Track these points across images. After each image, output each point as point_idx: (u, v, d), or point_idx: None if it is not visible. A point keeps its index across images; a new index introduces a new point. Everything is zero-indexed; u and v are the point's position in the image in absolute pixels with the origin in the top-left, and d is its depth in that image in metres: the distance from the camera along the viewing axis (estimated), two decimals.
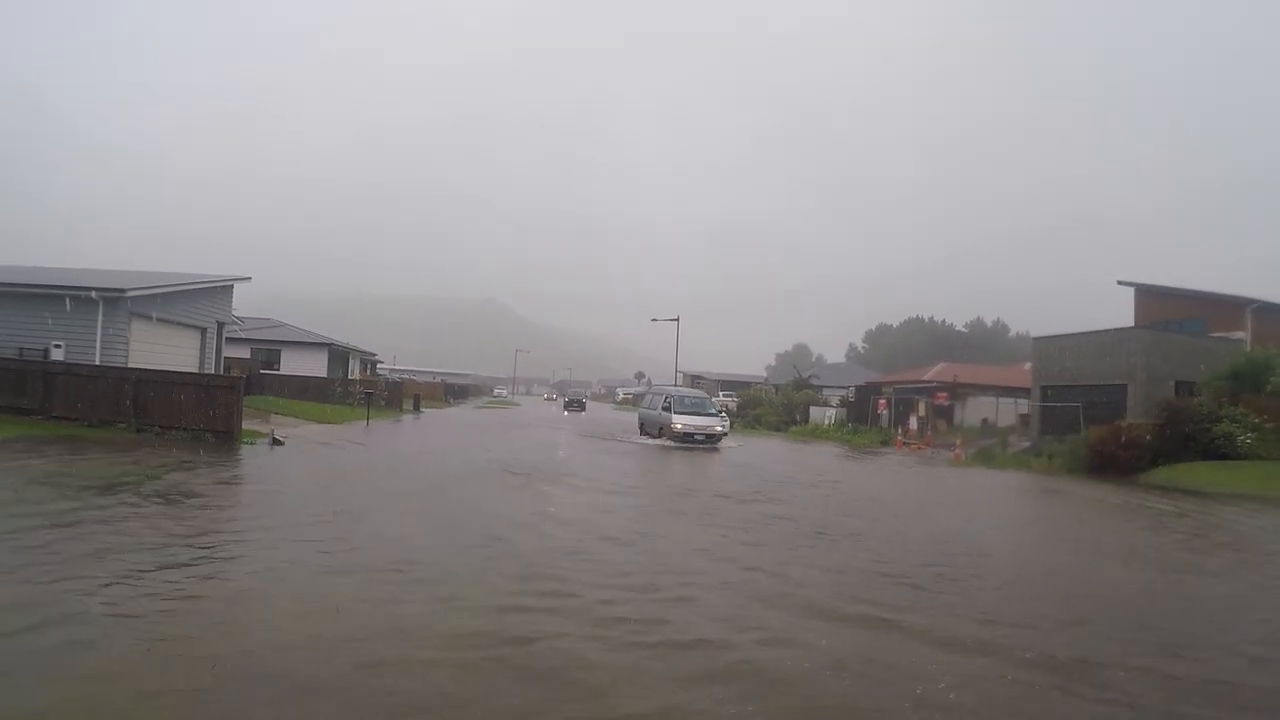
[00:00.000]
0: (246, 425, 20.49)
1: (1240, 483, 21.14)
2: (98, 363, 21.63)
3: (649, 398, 35.00)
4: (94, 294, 22.24)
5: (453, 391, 76.06)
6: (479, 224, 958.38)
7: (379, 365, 68.78)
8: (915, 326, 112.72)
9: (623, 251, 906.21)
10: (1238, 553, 12.17)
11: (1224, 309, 34.71)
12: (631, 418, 57.15)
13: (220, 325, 29.31)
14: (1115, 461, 24.60)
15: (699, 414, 30.03)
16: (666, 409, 30.10)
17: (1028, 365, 43.79)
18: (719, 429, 29.74)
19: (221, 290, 29.15)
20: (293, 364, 44.74)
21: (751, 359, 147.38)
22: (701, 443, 28.54)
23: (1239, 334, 32.77)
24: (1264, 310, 33.49)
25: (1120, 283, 41.47)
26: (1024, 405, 39.43)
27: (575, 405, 64.02)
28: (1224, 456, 24.03)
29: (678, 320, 57.21)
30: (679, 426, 28.73)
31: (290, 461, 16.79)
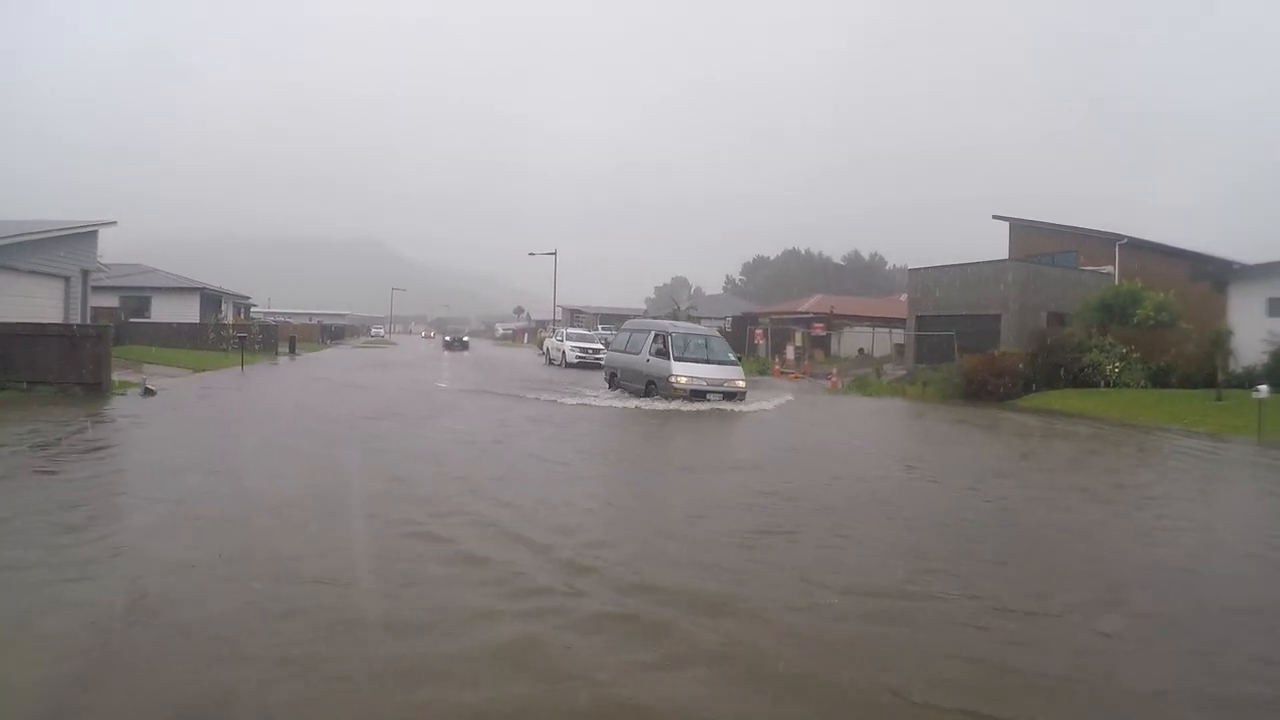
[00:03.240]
0: (117, 376, 20.33)
1: (1105, 408, 22.37)
2: None
3: (626, 336, 24.30)
4: None
5: (329, 333, 75.65)
6: (355, 163, 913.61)
7: (253, 309, 68.44)
8: (792, 258, 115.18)
9: (503, 187, 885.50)
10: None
11: (1095, 244, 36.58)
12: (519, 356, 57.49)
13: (85, 273, 28.47)
14: (988, 389, 25.64)
15: (711, 360, 21.30)
16: (660, 353, 21.08)
17: (903, 297, 45.25)
18: (740, 383, 21.11)
19: (84, 236, 28.21)
20: (164, 311, 44.61)
21: (631, 292, 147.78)
22: (716, 403, 20.22)
23: (1108, 268, 34.64)
24: (1132, 246, 35.49)
25: (996, 217, 43.18)
26: (900, 335, 40.63)
27: (457, 344, 60.29)
28: (1093, 384, 25.45)
29: (555, 254, 57.44)
30: (683, 380, 20.13)
31: (161, 411, 16.24)
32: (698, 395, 20.10)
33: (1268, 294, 25.93)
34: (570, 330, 46.87)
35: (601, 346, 40.11)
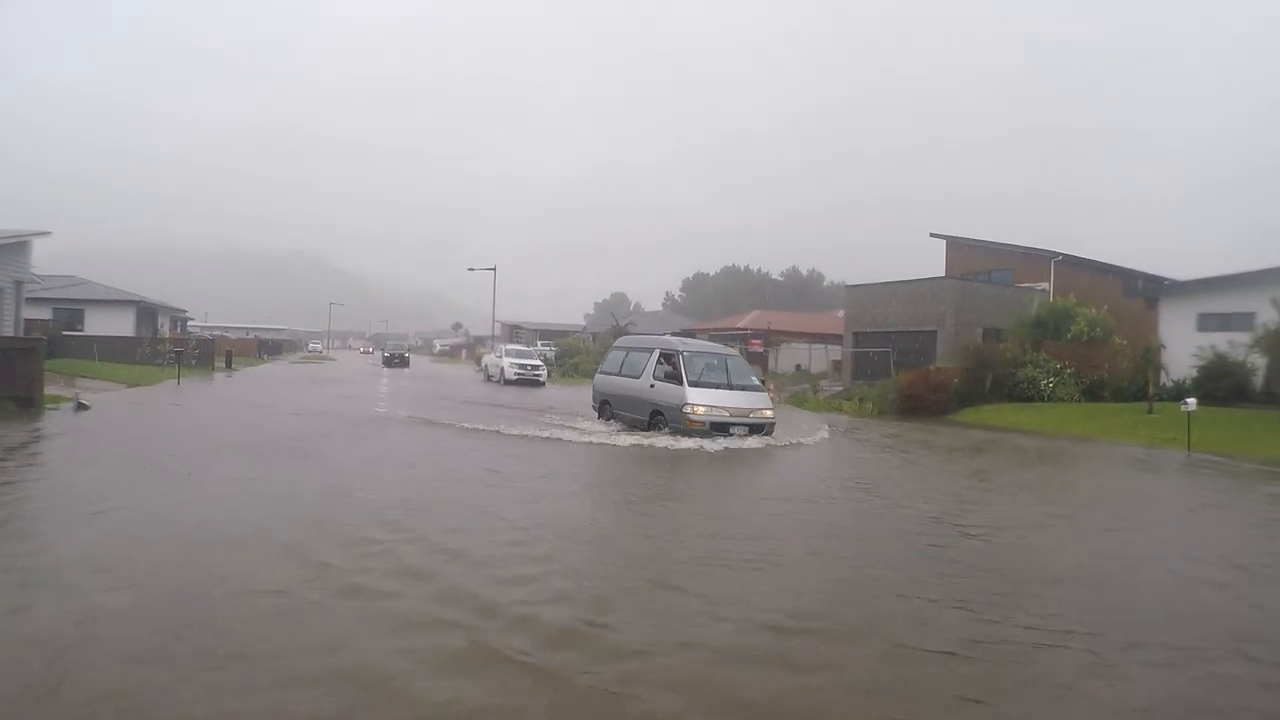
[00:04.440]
0: (50, 390, 19.82)
1: (1039, 422, 22.52)
2: None
3: (621, 356, 19.63)
4: None
5: (266, 347, 73.81)
6: (292, 172, 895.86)
7: (190, 322, 67.48)
8: (732, 275, 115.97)
9: (443, 201, 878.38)
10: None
11: (1030, 261, 37.24)
12: (458, 373, 56.02)
13: (19, 285, 27.61)
14: (924, 404, 25.69)
15: (733, 385, 16.99)
16: (670, 377, 16.88)
17: (841, 313, 45.54)
18: (768, 412, 17.03)
19: (17, 247, 27.23)
20: (98, 324, 43.31)
21: (570, 308, 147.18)
22: (742, 438, 16.01)
23: (1043, 285, 35.26)
24: (1066, 263, 36.24)
25: (933, 235, 43.83)
26: (837, 352, 40.78)
27: (397, 360, 58.70)
28: (1028, 399, 25.70)
29: (494, 270, 57.02)
30: (700, 410, 15.93)
31: (95, 427, 15.44)
32: (719, 429, 15.81)
33: (1197, 309, 26.60)
34: (509, 346, 45.98)
35: (540, 363, 40.41)
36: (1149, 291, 30.44)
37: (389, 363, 58.67)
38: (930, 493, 11.33)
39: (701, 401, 16.03)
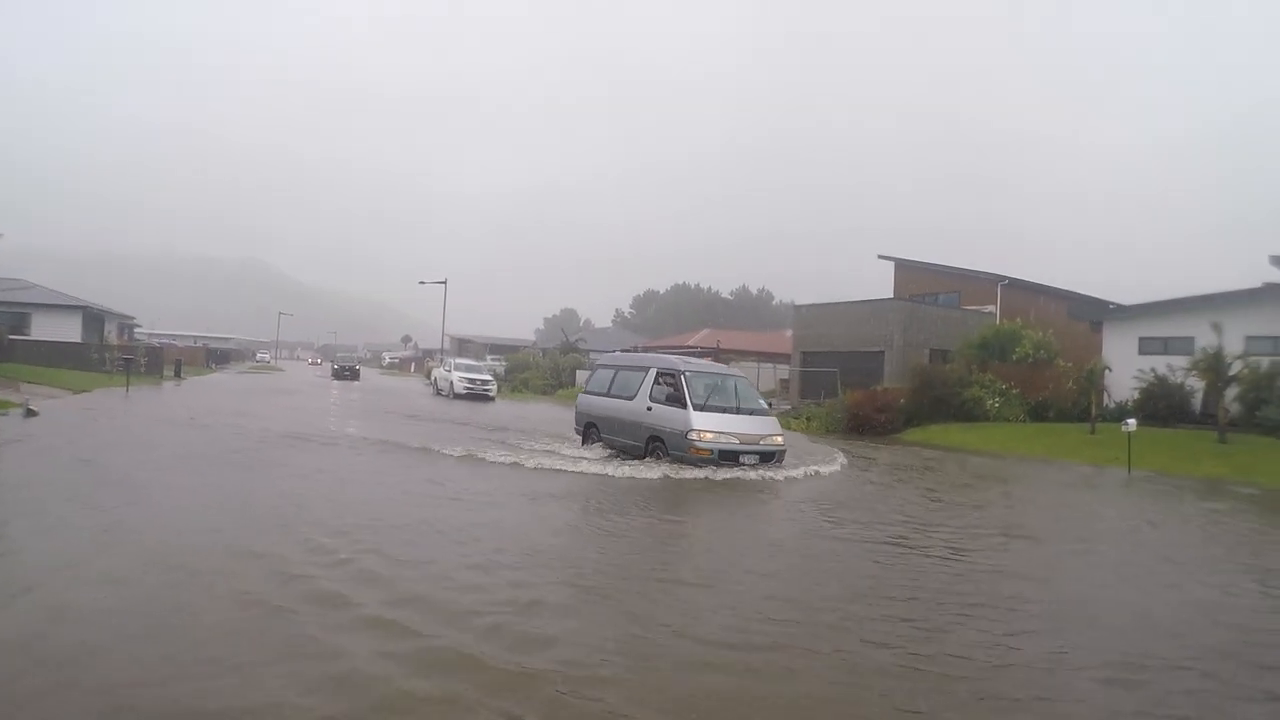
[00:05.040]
0: None
1: (984, 442, 22.66)
2: None
3: (610, 375, 17.88)
4: None
5: (214, 356, 73.56)
6: (244, 181, 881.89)
7: (137, 329, 66.50)
8: (682, 293, 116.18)
9: (397, 214, 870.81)
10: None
11: (978, 284, 37.71)
12: (408, 386, 55.52)
13: None
14: (871, 423, 25.76)
15: (741, 409, 15.34)
16: (672, 400, 15.07)
17: (789, 332, 45.73)
18: (779, 439, 15.38)
19: None
20: (45, 329, 42.85)
21: (520, 323, 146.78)
22: (752, 468, 14.41)
23: (990, 308, 35.71)
24: (1013, 286, 36.75)
25: (881, 257, 44.27)
26: (785, 370, 40.88)
27: (347, 372, 57.59)
28: (974, 419, 25.88)
29: (445, 283, 57.02)
30: (708, 436, 14.25)
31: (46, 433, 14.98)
32: (727, 457, 14.16)
33: (1139, 333, 27.17)
34: (458, 361, 45.95)
35: (490, 378, 40.42)
36: (1094, 315, 31.00)
37: (339, 375, 57.64)
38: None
39: (708, 427, 14.29)
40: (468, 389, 37.90)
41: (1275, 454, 18.41)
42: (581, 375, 49.98)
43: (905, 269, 42.34)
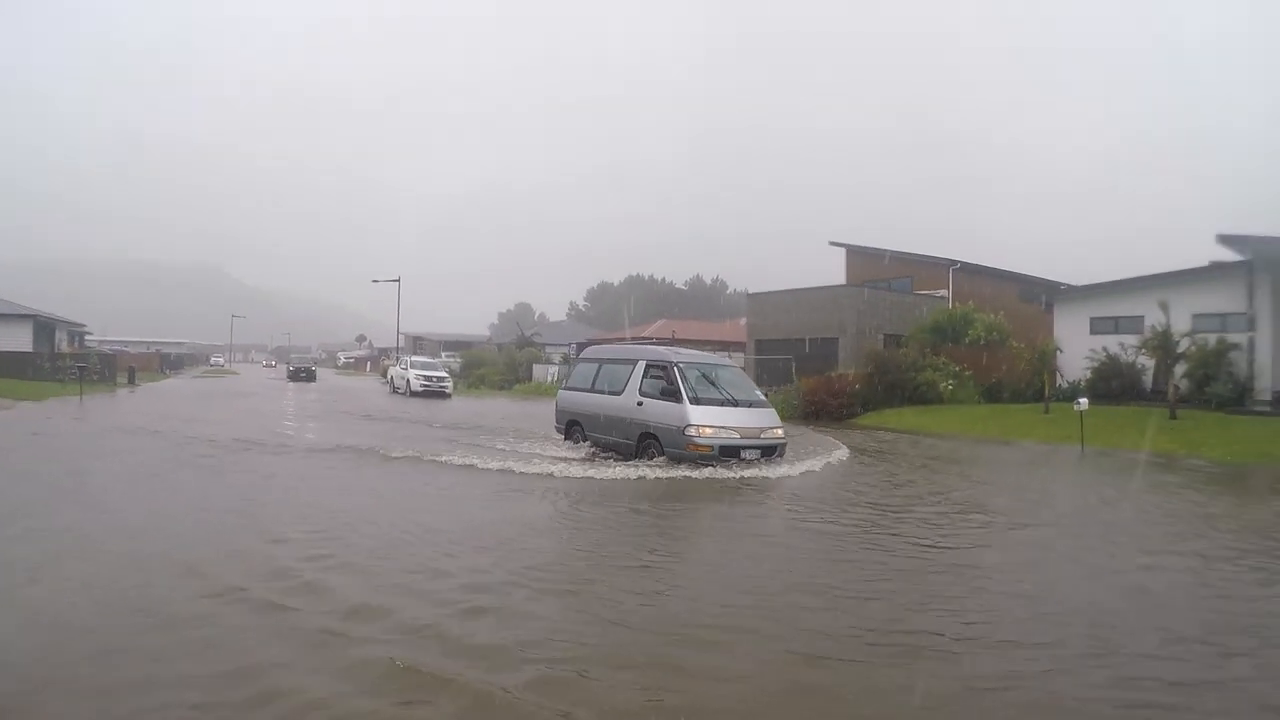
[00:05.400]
0: None
1: (939, 424, 22.68)
2: None
3: (593, 369, 16.77)
4: None
5: (168, 362, 73.50)
6: (196, 183, 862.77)
7: (88, 337, 65.59)
8: (636, 285, 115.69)
9: (349, 214, 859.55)
10: None
11: (930, 269, 37.95)
12: (364, 385, 55.27)
13: None
14: (826, 409, 25.75)
15: (738, 402, 14.37)
16: (667, 394, 14.05)
17: (743, 321, 45.69)
18: (779, 431, 14.41)
19: None
20: None
21: (475, 319, 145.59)
22: (755, 463, 13.55)
23: (942, 292, 35.95)
24: (964, 271, 37.02)
25: (832, 243, 44.25)
26: (740, 359, 40.82)
27: (303, 374, 57.00)
28: (928, 402, 25.97)
29: (399, 281, 56.87)
30: (707, 431, 13.33)
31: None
32: (728, 453, 13.30)
33: (1090, 313, 27.39)
34: (414, 359, 46.18)
35: (446, 375, 40.96)
36: (1045, 296, 31.27)
37: (294, 377, 56.93)
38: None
39: (707, 422, 13.36)
40: (424, 386, 38.09)
41: (1222, 429, 18.65)
42: (539, 370, 50.09)
43: (857, 255, 42.40)
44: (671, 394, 13.84)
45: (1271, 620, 5.94)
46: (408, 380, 39.20)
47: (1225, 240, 22.86)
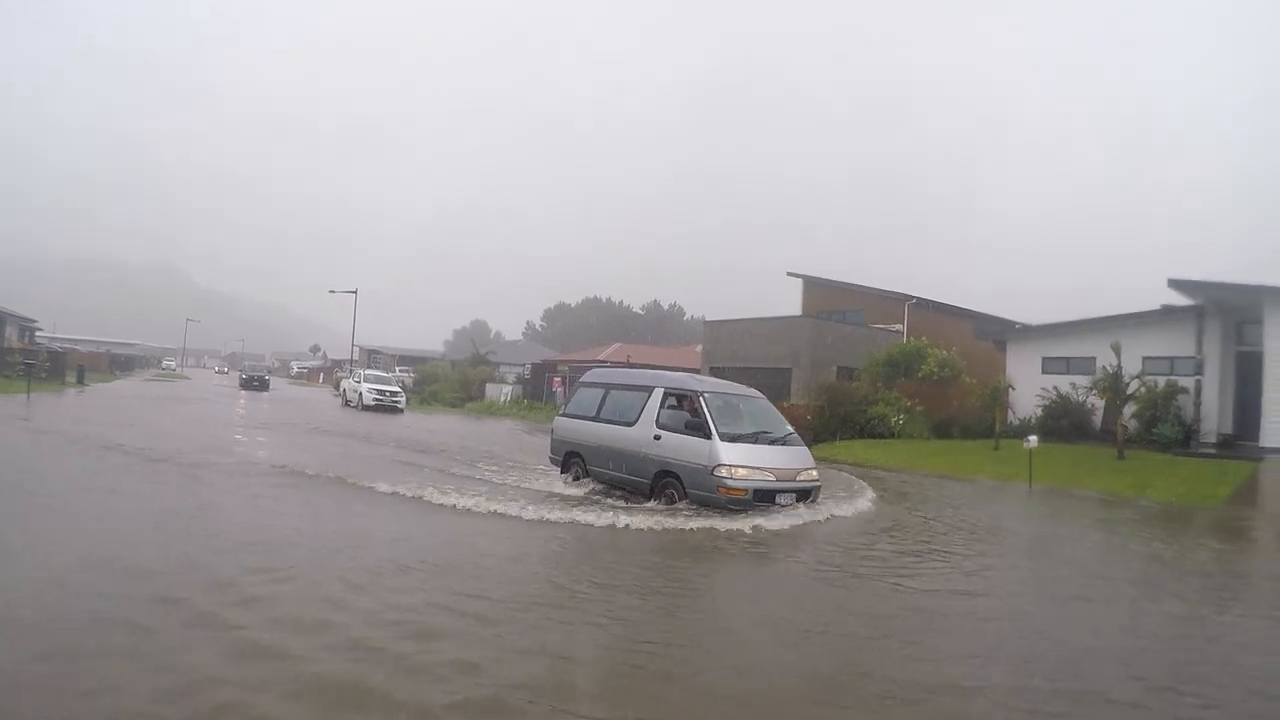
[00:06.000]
0: None
1: (889, 458, 22.49)
2: None
3: (599, 395, 14.89)
4: None
5: (118, 363, 73.24)
6: (155, 184, 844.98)
7: (39, 333, 65.14)
8: (593, 306, 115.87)
9: (309, 225, 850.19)
10: None
11: (885, 303, 38.14)
12: (318, 397, 54.89)
13: None
14: None
15: (774, 439, 12.79)
16: (692, 427, 12.39)
17: (699, 347, 45.67)
18: (814, 472, 12.73)
19: None
20: None
21: (431, 335, 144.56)
22: (790, 509, 11.89)
23: (897, 326, 36.13)
24: (920, 306, 37.31)
25: (790, 274, 44.39)
26: None
27: (256, 382, 56.00)
28: (879, 435, 25.92)
29: (356, 293, 57.62)
30: (740, 473, 11.63)
31: None
32: (763, 497, 11.67)
33: (1042, 353, 27.72)
34: (368, 372, 46.56)
35: (399, 389, 40.80)
36: (999, 334, 31.56)
37: (247, 384, 55.71)
38: None
39: (740, 461, 11.71)
40: (376, 400, 37.64)
41: (1169, 470, 18.79)
42: (491, 389, 49.75)
43: (814, 286, 42.50)
44: (697, 428, 12.20)
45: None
46: (360, 393, 38.72)
47: (1176, 285, 23.21)
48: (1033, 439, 17.05)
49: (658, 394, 13.25)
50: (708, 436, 11.92)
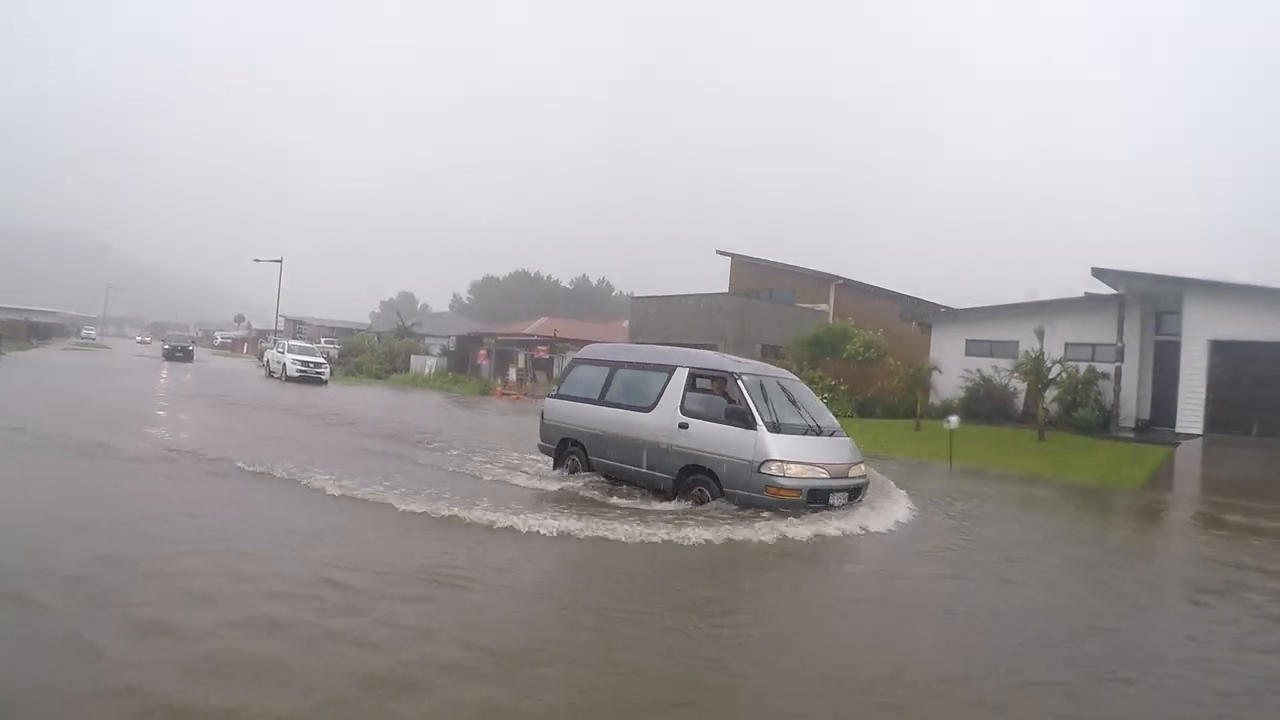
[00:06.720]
0: None
1: None
2: None
3: (604, 374, 12.43)
4: None
5: (36, 331, 71.68)
6: (74, 146, 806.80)
7: None
8: (522, 280, 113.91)
9: (235, 193, 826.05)
10: None
11: (813, 283, 38.08)
12: (241, 367, 53.82)
13: None
14: None
15: (820, 429, 10.79)
16: (733, 415, 10.17)
17: (626, 323, 45.23)
18: (862, 467, 10.87)
19: None
20: None
21: (357, 306, 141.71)
22: (842, 510, 10.00)
23: (823, 306, 36.11)
24: (847, 287, 37.34)
25: (719, 252, 44.07)
26: None
27: (180, 352, 53.83)
28: None
29: (281, 262, 56.34)
30: (792, 470, 9.71)
31: None
32: (817, 498, 9.86)
33: (967, 335, 27.77)
34: (292, 343, 45.46)
35: (324, 361, 40.16)
36: (924, 317, 31.64)
37: (170, 355, 53.49)
38: None
39: (792, 457, 9.84)
40: (300, 372, 37.02)
41: (1087, 452, 19.01)
42: (416, 360, 49.20)
43: (742, 265, 42.21)
44: (739, 416, 10.14)
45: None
46: (284, 364, 37.95)
47: (1099, 273, 23.36)
48: (954, 419, 16.84)
49: (681, 374, 11.15)
50: (751, 426, 9.99)
